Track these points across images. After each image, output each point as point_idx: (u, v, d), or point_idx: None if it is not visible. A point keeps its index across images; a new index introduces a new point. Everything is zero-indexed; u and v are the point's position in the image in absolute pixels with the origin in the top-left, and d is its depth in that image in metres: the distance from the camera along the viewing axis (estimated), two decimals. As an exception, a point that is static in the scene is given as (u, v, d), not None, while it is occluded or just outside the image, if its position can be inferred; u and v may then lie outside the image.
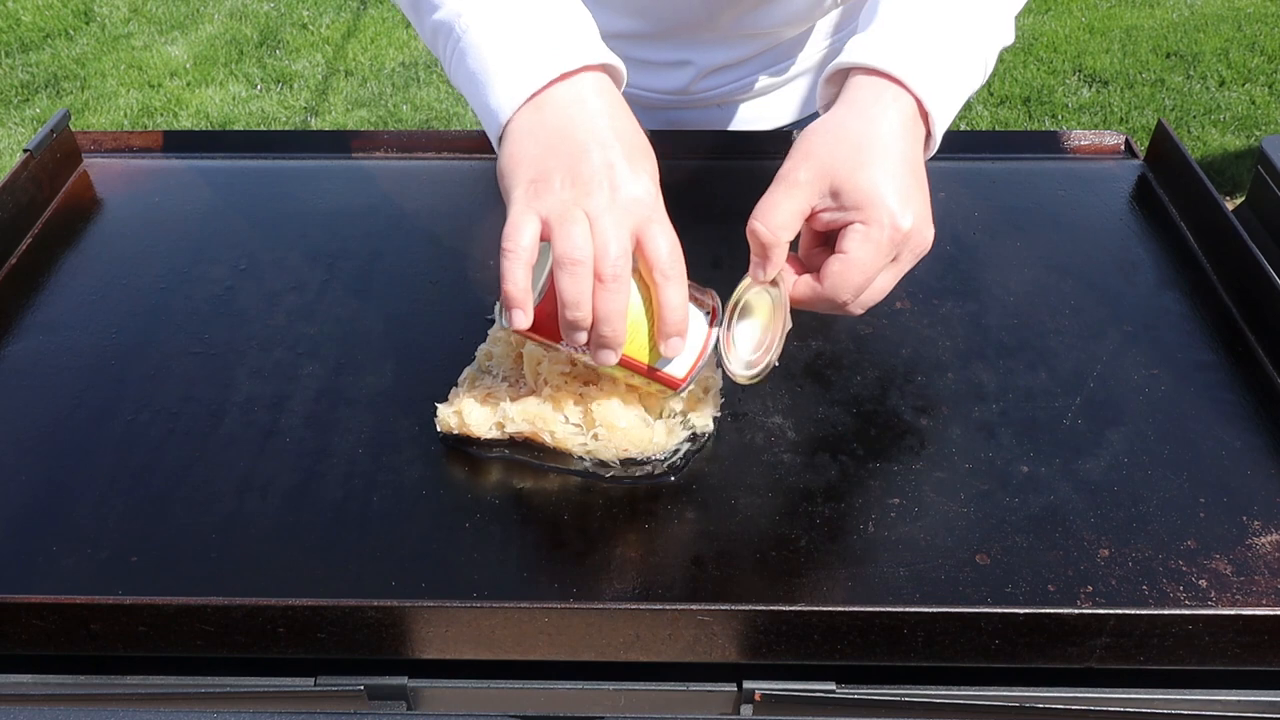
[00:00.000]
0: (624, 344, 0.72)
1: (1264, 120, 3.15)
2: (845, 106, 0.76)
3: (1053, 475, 0.78)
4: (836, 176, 0.72)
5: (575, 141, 0.71)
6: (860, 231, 0.72)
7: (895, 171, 0.72)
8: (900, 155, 0.73)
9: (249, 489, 0.78)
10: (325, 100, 3.47)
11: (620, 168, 0.71)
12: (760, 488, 0.77)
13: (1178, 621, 0.66)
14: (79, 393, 0.86)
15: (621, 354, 0.72)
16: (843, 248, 0.73)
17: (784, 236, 0.73)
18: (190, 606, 0.66)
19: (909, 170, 0.74)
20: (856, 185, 0.72)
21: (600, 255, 0.69)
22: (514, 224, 0.69)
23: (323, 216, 1.06)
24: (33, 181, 1.05)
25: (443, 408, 0.81)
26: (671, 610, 0.66)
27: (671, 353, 0.74)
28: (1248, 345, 0.89)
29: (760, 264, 0.75)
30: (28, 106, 3.43)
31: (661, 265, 0.71)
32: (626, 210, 0.70)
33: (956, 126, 3.13)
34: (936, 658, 0.68)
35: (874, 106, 0.74)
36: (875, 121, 0.74)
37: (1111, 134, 1.15)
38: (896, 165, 0.73)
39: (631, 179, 0.71)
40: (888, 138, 0.73)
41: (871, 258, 0.72)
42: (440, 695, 0.71)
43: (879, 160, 0.72)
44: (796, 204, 0.73)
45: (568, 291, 0.68)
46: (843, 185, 0.72)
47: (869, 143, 0.73)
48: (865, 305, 0.75)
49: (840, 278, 0.73)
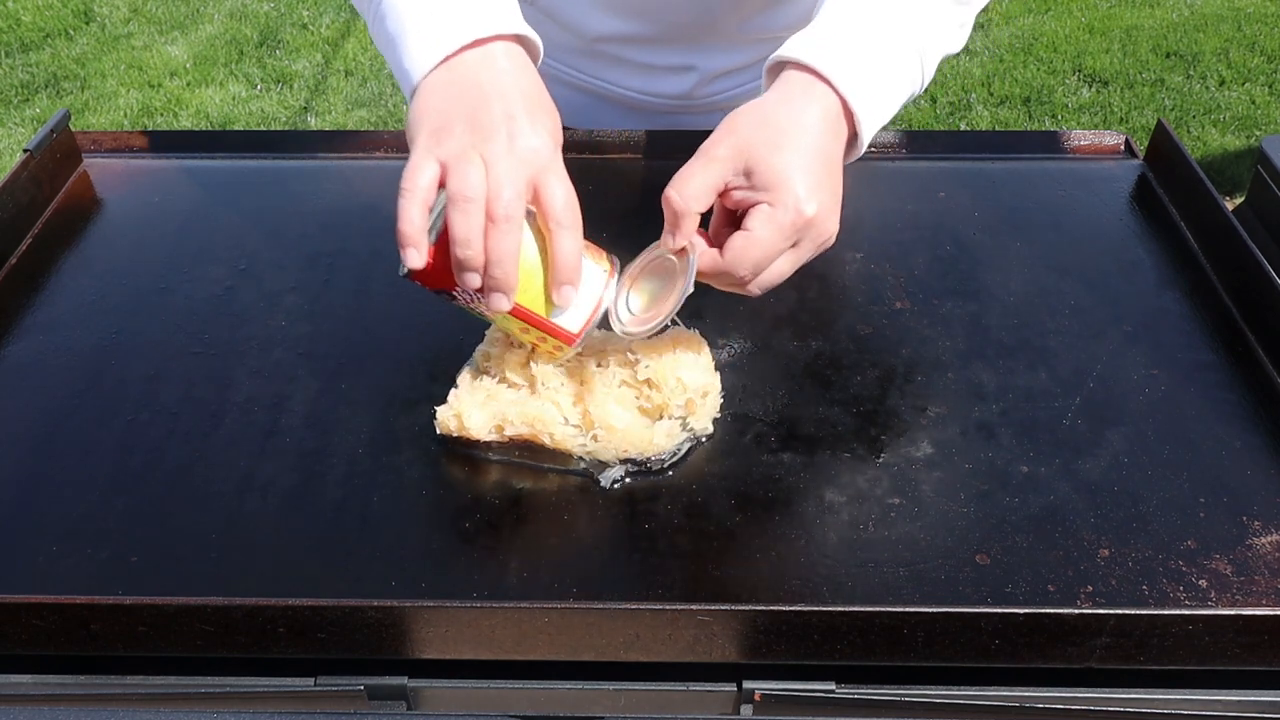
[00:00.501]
0: (516, 289, 0.72)
1: (1264, 120, 3.15)
2: (775, 94, 0.78)
3: (1053, 475, 0.78)
4: (752, 156, 0.74)
5: (479, 94, 0.73)
6: (765, 212, 0.73)
7: (808, 161, 0.74)
8: (816, 148, 0.75)
9: (249, 489, 0.78)
10: (325, 100, 3.47)
11: (520, 119, 0.73)
12: (760, 487, 0.77)
13: (1178, 621, 0.66)
14: (79, 393, 0.86)
15: (514, 302, 0.73)
16: (747, 225, 0.74)
17: (694, 207, 0.75)
18: (190, 606, 0.66)
19: (823, 162, 0.75)
20: (770, 167, 0.73)
21: (493, 196, 0.70)
22: (412, 166, 0.72)
23: (323, 216, 1.06)
24: (33, 181, 1.05)
25: (442, 410, 0.81)
26: (671, 610, 0.66)
27: (564, 301, 0.74)
28: (1248, 345, 0.89)
29: (671, 231, 0.76)
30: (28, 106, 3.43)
31: (556, 213, 0.73)
32: (523, 159, 0.72)
33: (956, 126, 3.13)
34: (936, 658, 0.68)
35: (800, 98, 0.76)
36: (799, 112, 0.76)
37: (1111, 134, 1.15)
38: (811, 156, 0.74)
39: (530, 131, 0.73)
40: (808, 128, 0.75)
41: (772, 238, 0.73)
42: (440, 695, 0.71)
43: (794, 147, 0.74)
44: (710, 177, 0.75)
45: (459, 228, 0.70)
46: (756, 165, 0.74)
47: (788, 130, 0.75)
48: (763, 286, 0.76)
49: (741, 253, 0.74)
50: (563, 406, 0.80)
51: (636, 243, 0.77)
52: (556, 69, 1.20)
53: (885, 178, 1.12)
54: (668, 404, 0.81)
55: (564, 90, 1.21)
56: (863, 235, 1.03)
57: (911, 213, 1.06)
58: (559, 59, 1.19)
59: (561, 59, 1.19)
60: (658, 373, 0.81)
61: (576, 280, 0.75)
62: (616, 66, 1.16)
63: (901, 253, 1.00)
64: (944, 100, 3.30)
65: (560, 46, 1.18)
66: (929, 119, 3.23)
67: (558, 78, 1.20)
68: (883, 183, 1.12)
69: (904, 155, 1.15)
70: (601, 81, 1.18)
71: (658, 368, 0.81)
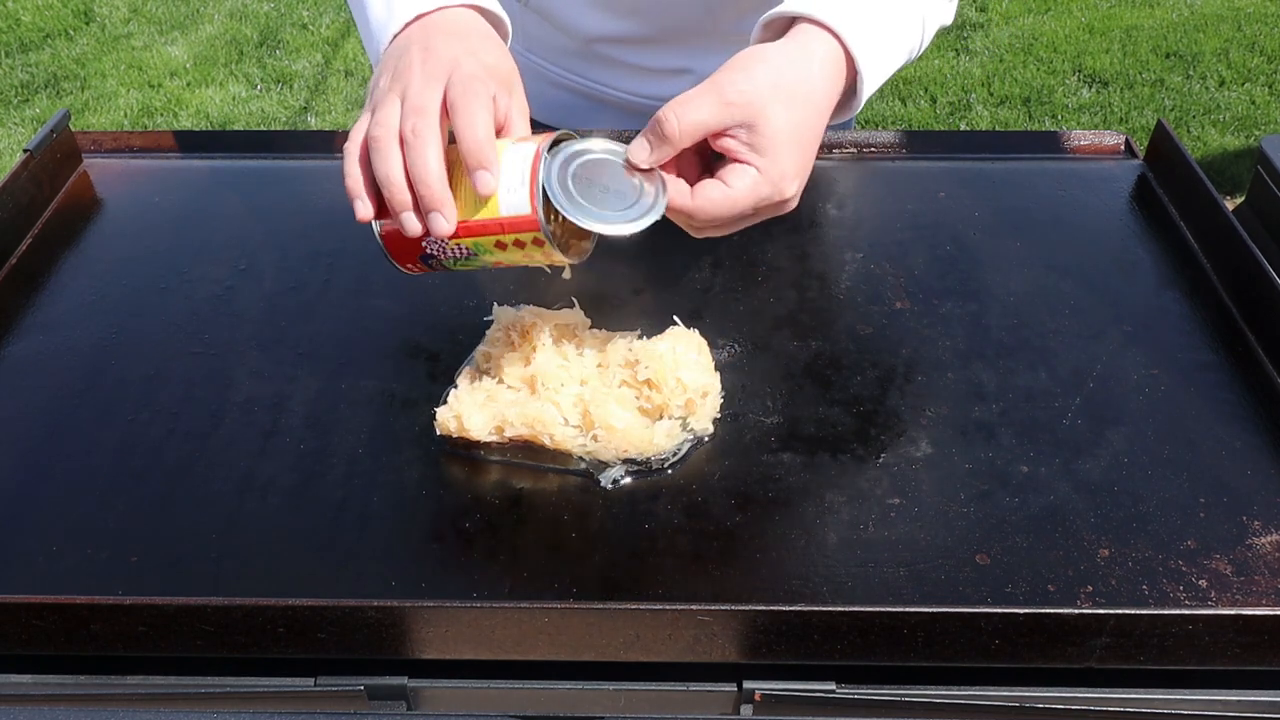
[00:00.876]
0: (447, 204, 0.69)
1: (1264, 120, 3.15)
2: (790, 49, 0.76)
3: (1053, 475, 0.78)
4: (760, 114, 0.72)
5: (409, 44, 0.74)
6: (751, 177, 0.72)
7: (805, 135, 0.73)
8: (817, 115, 0.74)
9: (249, 489, 0.77)
10: (325, 100, 3.47)
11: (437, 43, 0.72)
12: (760, 488, 0.77)
13: (1178, 621, 0.66)
14: (79, 393, 0.86)
15: (457, 220, 0.70)
16: (728, 180, 0.73)
17: (686, 141, 0.73)
18: (190, 606, 0.66)
19: (815, 135, 0.74)
20: (773, 132, 0.72)
21: (402, 122, 0.69)
22: (353, 128, 0.72)
23: (323, 216, 1.06)
24: (33, 181, 1.05)
25: (442, 411, 0.81)
26: (671, 610, 0.66)
27: (485, 188, 0.69)
28: (1248, 345, 0.89)
29: (648, 147, 0.73)
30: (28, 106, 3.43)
31: (450, 101, 0.70)
32: (433, 75, 0.70)
33: (956, 126, 3.13)
34: (936, 658, 0.68)
35: (810, 58, 0.75)
36: (813, 77, 0.75)
37: (1111, 134, 1.15)
38: (809, 128, 0.74)
39: (444, 47, 0.72)
40: (814, 96, 0.74)
41: (747, 202, 0.73)
42: (440, 695, 0.71)
43: (799, 117, 0.73)
44: (713, 119, 0.72)
45: (378, 169, 0.69)
46: (760, 125, 0.72)
47: (797, 95, 0.73)
48: (706, 234, 0.76)
49: (713, 205, 0.72)
50: (563, 407, 0.80)
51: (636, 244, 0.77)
52: (552, 72, 1.20)
53: (885, 178, 1.12)
54: (668, 404, 0.81)
55: (560, 93, 1.21)
56: (863, 235, 1.03)
57: (911, 213, 1.06)
58: (554, 61, 1.19)
59: (557, 61, 1.19)
60: (658, 373, 0.81)
61: (488, 164, 0.69)
62: (612, 69, 1.16)
63: (901, 253, 1.00)
64: (944, 100, 3.30)
65: (555, 49, 1.18)
66: (929, 119, 3.23)
67: (553, 80, 1.20)
68: (883, 183, 1.12)
69: (904, 155, 1.15)
70: (597, 84, 1.18)
71: (658, 368, 0.81)
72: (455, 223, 0.71)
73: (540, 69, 1.20)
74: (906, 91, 3.34)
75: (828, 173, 1.12)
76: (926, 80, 3.38)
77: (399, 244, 0.74)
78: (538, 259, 0.74)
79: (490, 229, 0.71)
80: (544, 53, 1.19)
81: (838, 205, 1.08)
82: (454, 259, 0.74)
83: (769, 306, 0.94)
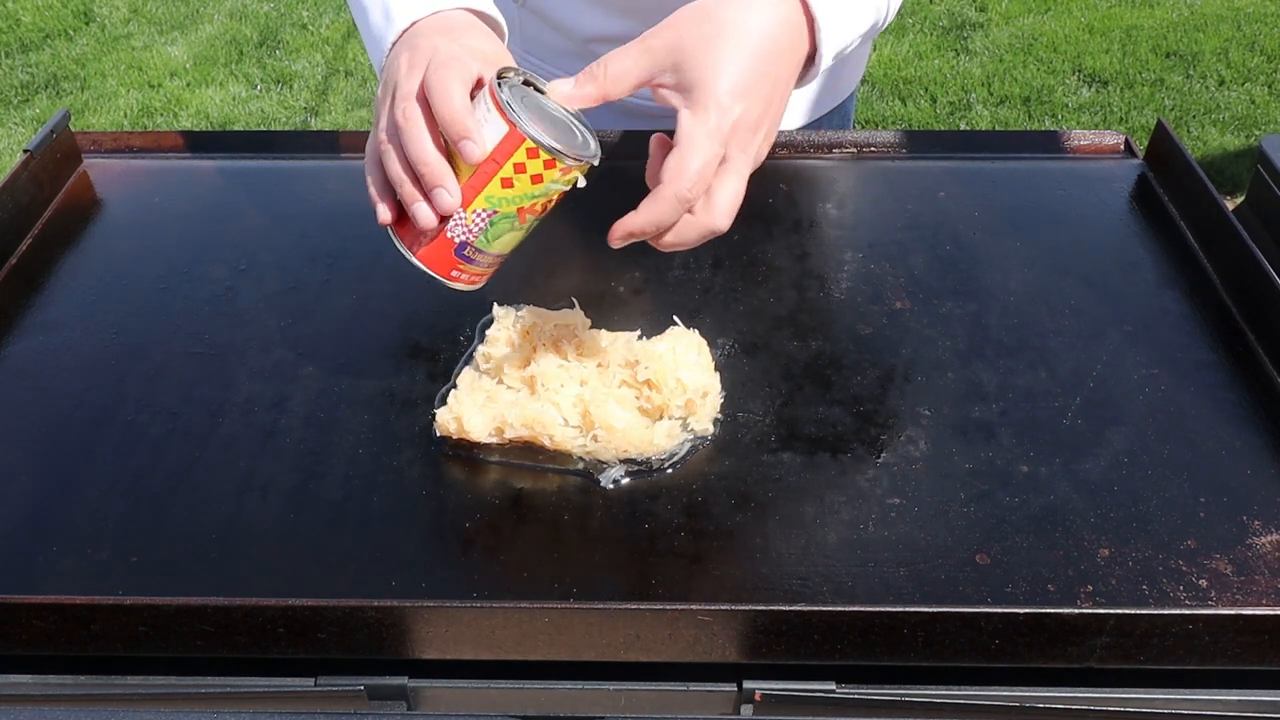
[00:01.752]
0: (446, 176, 0.70)
1: (1264, 120, 3.15)
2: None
3: (1053, 475, 0.78)
4: (683, 53, 0.70)
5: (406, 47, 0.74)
6: (685, 117, 0.69)
7: (742, 62, 0.69)
8: (756, 51, 0.70)
9: (249, 489, 0.77)
10: (325, 100, 3.47)
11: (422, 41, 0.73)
12: (760, 488, 0.77)
13: (1178, 621, 0.66)
14: (79, 393, 0.86)
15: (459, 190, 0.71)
16: (674, 139, 0.70)
17: (611, 88, 0.72)
18: (190, 606, 0.66)
19: (760, 66, 0.70)
20: (697, 64, 0.69)
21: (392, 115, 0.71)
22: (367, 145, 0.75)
23: (323, 216, 1.06)
24: (33, 181, 1.05)
25: (441, 412, 0.81)
26: (671, 610, 0.66)
27: (468, 156, 0.69)
28: (1248, 345, 0.89)
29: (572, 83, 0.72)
30: (28, 106, 3.43)
31: (426, 83, 0.70)
32: (415, 66, 0.71)
33: (956, 126, 3.13)
34: (936, 658, 0.68)
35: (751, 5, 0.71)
36: (745, 12, 0.71)
37: (1111, 134, 1.15)
38: (747, 57, 0.69)
39: (427, 41, 0.73)
40: (751, 30, 0.70)
41: (697, 144, 0.68)
42: (440, 695, 0.71)
43: (729, 47, 0.69)
44: (639, 66, 0.71)
45: (388, 171, 0.71)
46: (684, 62, 0.70)
47: (727, 29, 0.70)
48: (720, 212, 0.71)
49: (675, 169, 0.68)
50: (562, 407, 0.80)
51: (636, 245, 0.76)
52: (549, 72, 1.19)
53: (885, 178, 1.12)
54: (668, 404, 0.81)
55: None
56: (863, 235, 1.03)
57: (911, 213, 1.06)
58: (552, 62, 1.19)
59: (555, 62, 1.19)
60: (658, 373, 0.81)
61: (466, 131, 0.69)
62: None
63: (901, 253, 1.00)
64: (944, 100, 3.30)
65: (553, 50, 1.18)
66: (929, 119, 3.23)
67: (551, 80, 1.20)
68: (883, 183, 1.12)
69: (904, 155, 1.15)
70: None
71: (658, 368, 0.81)
72: (459, 192, 0.70)
73: (538, 69, 1.20)
74: (906, 91, 3.34)
75: (828, 173, 1.12)
76: (926, 80, 3.38)
77: (434, 257, 0.74)
78: (552, 182, 0.72)
79: (489, 171, 0.71)
80: (542, 53, 1.19)
81: (838, 205, 1.08)
82: (483, 231, 0.73)
83: (769, 306, 0.94)
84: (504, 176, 0.71)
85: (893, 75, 3.41)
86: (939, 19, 3.71)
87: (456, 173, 0.71)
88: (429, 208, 0.71)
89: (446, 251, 0.74)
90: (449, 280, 0.75)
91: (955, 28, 3.65)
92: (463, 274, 0.75)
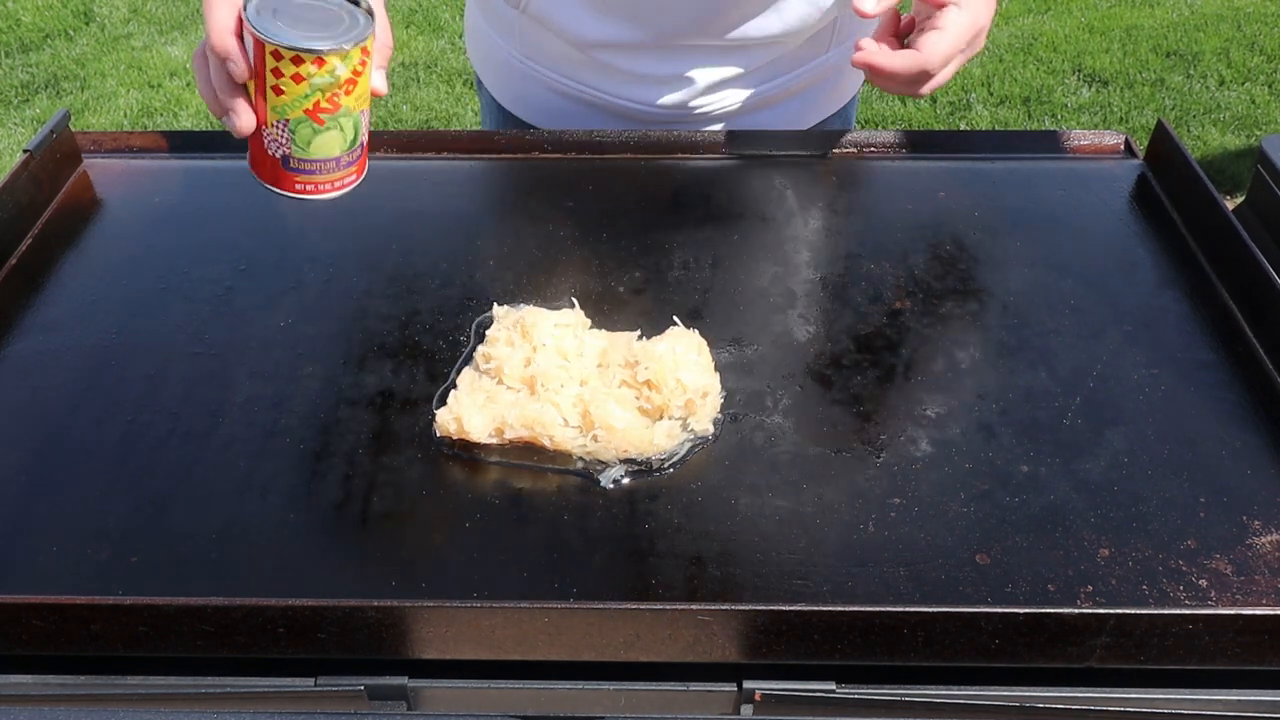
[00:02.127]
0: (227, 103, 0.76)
1: (1264, 120, 3.15)
2: None
3: (1053, 475, 0.78)
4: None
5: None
6: (954, 12, 0.90)
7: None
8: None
9: (249, 489, 0.78)
10: (325, 100, 3.47)
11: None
12: (760, 488, 0.77)
13: (1178, 621, 0.66)
14: (79, 393, 0.86)
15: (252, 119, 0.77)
16: (939, 25, 0.90)
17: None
18: (190, 606, 0.66)
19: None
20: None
21: None
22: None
23: (323, 216, 1.06)
24: (33, 181, 1.05)
25: (442, 412, 0.81)
26: (671, 610, 0.66)
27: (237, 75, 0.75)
28: (1248, 345, 0.89)
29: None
30: (28, 106, 3.43)
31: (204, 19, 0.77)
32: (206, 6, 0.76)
33: (956, 126, 3.13)
34: (936, 657, 0.68)
35: None
36: None
37: (1111, 134, 1.15)
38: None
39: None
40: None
41: (961, 34, 0.90)
42: (440, 695, 0.71)
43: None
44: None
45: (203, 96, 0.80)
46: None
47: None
48: (934, 88, 0.93)
49: (935, 46, 0.89)
50: (562, 408, 0.80)
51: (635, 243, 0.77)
52: (551, 78, 1.19)
53: (885, 178, 1.12)
54: (668, 404, 0.81)
55: (559, 100, 1.20)
56: (863, 235, 1.03)
57: (911, 213, 1.06)
58: (553, 68, 1.19)
59: (556, 68, 1.18)
60: (657, 373, 0.81)
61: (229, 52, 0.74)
62: (611, 76, 1.15)
63: (901, 253, 1.00)
64: (944, 100, 3.30)
65: (554, 56, 1.17)
66: (929, 119, 3.23)
67: (552, 87, 1.20)
68: (883, 183, 1.12)
69: (904, 155, 1.15)
70: (597, 91, 1.18)
71: (658, 368, 0.81)
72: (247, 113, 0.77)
73: (539, 76, 1.20)
74: (906, 91, 3.34)
75: (828, 173, 1.12)
76: (926, 80, 3.38)
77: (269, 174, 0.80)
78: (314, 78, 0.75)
79: (261, 85, 0.75)
80: (543, 60, 1.19)
81: (838, 205, 1.08)
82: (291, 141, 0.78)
83: (768, 306, 0.94)
84: (272, 85, 0.75)
85: (893, 75, 3.41)
86: (939, 19, 3.70)
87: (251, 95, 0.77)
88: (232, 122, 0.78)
89: (276, 168, 0.79)
90: (298, 193, 0.81)
91: (955, 28, 3.65)
92: (306, 184, 0.81)
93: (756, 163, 1.12)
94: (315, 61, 0.74)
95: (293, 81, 0.75)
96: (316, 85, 0.75)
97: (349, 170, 0.82)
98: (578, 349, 0.85)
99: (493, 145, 1.15)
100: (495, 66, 1.26)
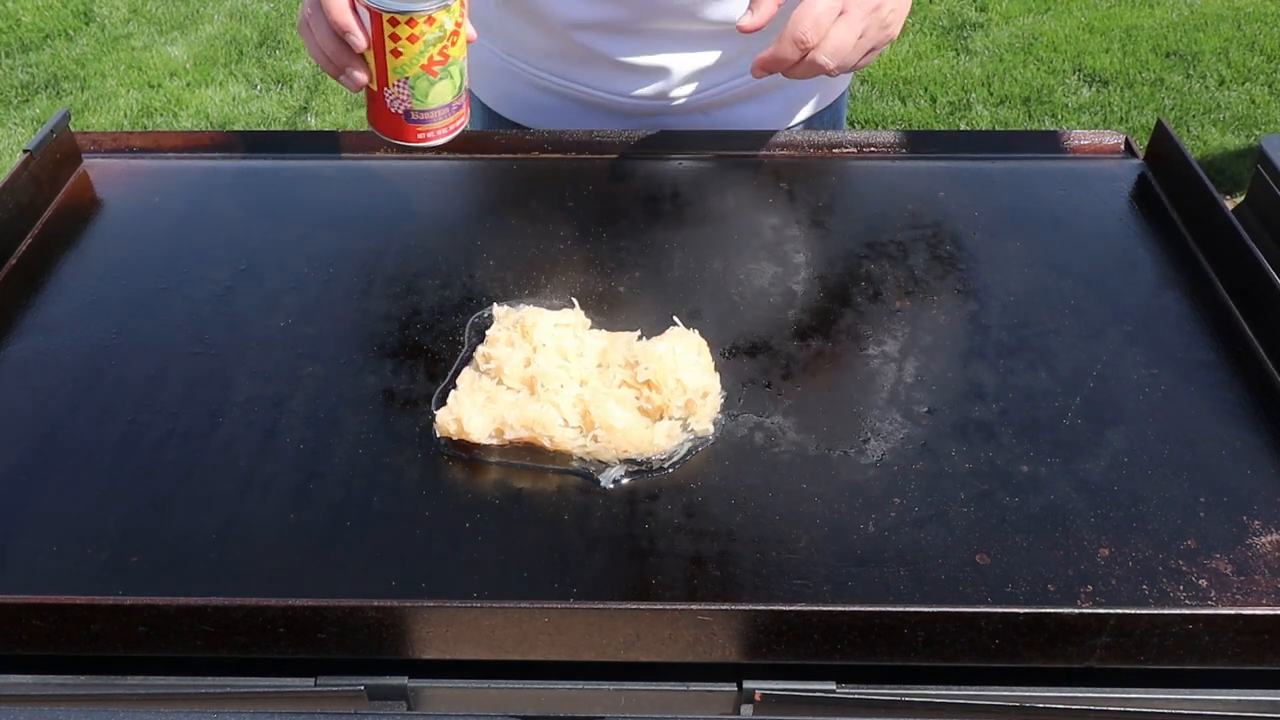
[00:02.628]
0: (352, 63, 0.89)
1: (1264, 120, 3.15)
2: None
3: (1053, 475, 0.78)
4: None
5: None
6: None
7: None
8: None
9: (249, 489, 0.77)
10: (325, 100, 3.47)
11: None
12: (760, 488, 0.77)
13: (1178, 621, 0.66)
14: (79, 393, 0.86)
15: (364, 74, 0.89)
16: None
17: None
18: (190, 606, 0.66)
19: None
20: None
21: None
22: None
23: (323, 216, 1.06)
24: (33, 181, 1.05)
25: (442, 413, 0.81)
26: (671, 610, 0.66)
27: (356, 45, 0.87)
28: (1248, 345, 0.89)
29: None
30: (28, 106, 3.43)
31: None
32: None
33: (956, 126, 3.13)
34: (936, 657, 0.68)
35: None
36: None
37: (1111, 134, 1.15)
38: None
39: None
40: None
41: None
42: (440, 695, 0.71)
43: None
44: None
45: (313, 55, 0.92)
46: None
47: None
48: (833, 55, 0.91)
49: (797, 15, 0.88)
50: (562, 408, 0.80)
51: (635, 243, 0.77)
52: (532, 74, 1.19)
53: (885, 178, 1.12)
54: (668, 405, 0.81)
55: (541, 96, 1.20)
56: (863, 235, 1.03)
57: (911, 213, 1.06)
58: (533, 63, 1.18)
59: (537, 64, 1.18)
60: (657, 374, 0.81)
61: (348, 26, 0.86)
62: (592, 65, 1.15)
63: (901, 253, 1.00)
64: (944, 100, 3.30)
65: (536, 51, 1.17)
66: (929, 119, 3.23)
67: (533, 82, 1.19)
68: (883, 183, 1.12)
69: (904, 155, 1.15)
70: (578, 85, 1.17)
71: (658, 368, 0.81)
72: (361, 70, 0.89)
73: (521, 72, 1.20)
74: (906, 91, 3.34)
75: (828, 173, 1.12)
76: (926, 80, 3.38)
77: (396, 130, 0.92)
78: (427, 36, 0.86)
79: (380, 51, 0.87)
80: (525, 55, 1.19)
81: (838, 205, 1.08)
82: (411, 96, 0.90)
83: (769, 306, 0.94)
84: (391, 49, 0.87)
85: (892, 75, 3.41)
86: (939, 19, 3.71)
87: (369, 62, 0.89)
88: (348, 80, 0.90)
89: (399, 123, 0.91)
90: (420, 142, 0.92)
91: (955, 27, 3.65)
92: (427, 132, 0.92)
93: (757, 163, 1.12)
94: (427, 20, 0.85)
95: (409, 42, 0.86)
96: (429, 41, 0.86)
97: (459, 114, 0.93)
98: (578, 349, 0.85)
99: (492, 145, 1.15)
100: (477, 67, 1.26)
